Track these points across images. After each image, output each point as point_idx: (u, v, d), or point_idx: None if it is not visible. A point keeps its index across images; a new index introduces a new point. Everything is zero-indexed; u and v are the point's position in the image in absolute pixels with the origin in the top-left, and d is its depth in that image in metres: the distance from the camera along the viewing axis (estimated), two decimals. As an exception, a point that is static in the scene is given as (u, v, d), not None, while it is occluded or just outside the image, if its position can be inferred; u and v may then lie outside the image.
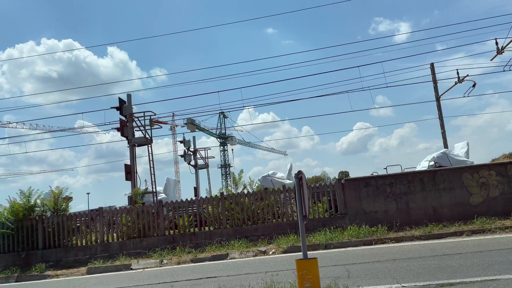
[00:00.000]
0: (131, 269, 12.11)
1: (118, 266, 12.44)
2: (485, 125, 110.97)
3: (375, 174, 16.16)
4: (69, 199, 16.84)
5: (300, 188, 5.05)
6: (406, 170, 15.98)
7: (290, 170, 19.63)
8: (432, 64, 28.50)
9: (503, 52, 19.21)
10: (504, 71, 19.96)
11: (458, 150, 17.60)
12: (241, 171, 16.62)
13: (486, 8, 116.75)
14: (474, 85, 23.61)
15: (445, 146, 28.22)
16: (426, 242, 11.06)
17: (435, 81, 28.52)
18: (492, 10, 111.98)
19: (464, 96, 24.50)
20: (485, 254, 8.37)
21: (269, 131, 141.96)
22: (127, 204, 19.01)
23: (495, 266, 7.05)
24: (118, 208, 15.01)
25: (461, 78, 24.19)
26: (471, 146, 17.72)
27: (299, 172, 5.15)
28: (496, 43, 19.30)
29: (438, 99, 28.48)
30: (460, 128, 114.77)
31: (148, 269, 11.79)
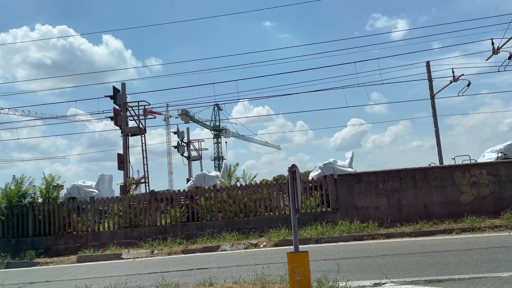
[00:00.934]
0: (122, 258, 12.10)
1: (108, 255, 12.42)
2: (478, 124, 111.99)
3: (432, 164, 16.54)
4: (60, 187, 16.74)
5: (293, 182, 5.05)
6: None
7: (351, 158, 19.44)
8: (428, 63, 28.57)
9: (499, 52, 19.30)
10: (499, 71, 20.08)
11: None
12: (237, 164, 16.68)
13: (482, 8, 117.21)
14: (468, 85, 23.73)
15: (438, 144, 28.43)
16: (416, 239, 11.16)
17: (430, 80, 28.63)
18: (488, 9, 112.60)
19: (458, 95, 24.68)
20: (474, 252, 8.46)
21: (263, 124, 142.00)
22: (120, 193, 18.94)
23: (483, 264, 7.13)
24: (109, 198, 14.94)
25: (456, 77, 24.28)
26: (464, 145, 18.02)
27: (293, 166, 5.16)
28: (492, 43, 19.37)
29: (432, 97, 28.61)
30: (453, 127, 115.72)
31: (139, 259, 11.78)
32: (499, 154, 15.98)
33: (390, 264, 7.81)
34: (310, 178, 15.35)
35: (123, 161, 20.00)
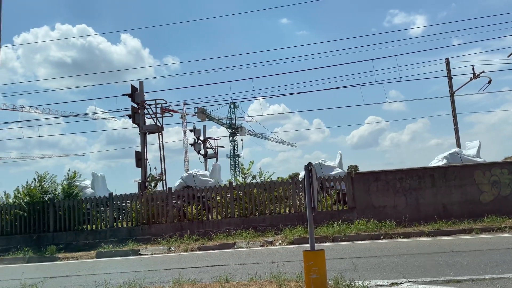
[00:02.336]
0: (140, 254, 12.28)
1: (126, 251, 12.63)
2: (499, 122, 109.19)
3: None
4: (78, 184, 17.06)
5: (309, 180, 5.05)
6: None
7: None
8: (447, 59, 28.02)
9: (521, 48, 18.77)
10: (521, 68, 19.51)
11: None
12: (251, 162, 16.73)
13: (505, 2, 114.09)
14: (489, 82, 23.21)
15: (458, 142, 27.86)
16: (434, 238, 11.00)
17: (450, 77, 28.07)
18: (510, 4, 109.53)
19: (479, 93, 24.13)
20: (494, 252, 8.30)
21: (279, 122, 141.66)
22: (138, 190, 19.21)
23: (503, 265, 6.99)
24: (128, 194, 15.17)
25: (476, 74, 23.77)
26: (484, 144, 17.60)
27: (309, 164, 5.15)
28: (515, 39, 18.86)
29: (452, 95, 28.05)
30: (473, 125, 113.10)
31: (156, 255, 11.94)
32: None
33: (407, 263, 7.73)
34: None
35: (140, 159, 20.26)
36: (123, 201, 14.95)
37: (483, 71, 23.54)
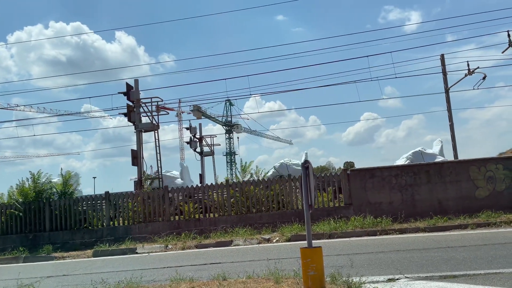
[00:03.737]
0: (136, 253, 12.27)
1: (123, 249, 12.61)
2: (493, 118, 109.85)
3: None
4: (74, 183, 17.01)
5: (306, 177, 5.06)
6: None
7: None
8: (442, 56, 28.11)
9: (515, 44, 18.90)
10: (515, 64, 19.64)
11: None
12: (251, 162, 16.82)
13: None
14: (484, 78, 23.32)
15: (453, 138, 28.00)
16: (430, 234, 11.07)
17: (444, 73, 28.17)
18: (504, 1, 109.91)
19: (473, 89, 24.27)
20: (490, 247, 8.37)
21: (275, 119, 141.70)
22: (134, 189, 19.17)
23: (499, 260, 7.05)
24: (124, 193, 15.14)
25: (471, 70, 23.87)
26: (479, 139, 18.21)
27: (306, 162, 5.16)
28: (508, 35, 19.01)
29: (447, 91, 28.17)
30: (468, 121, 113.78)
31: (153, 253, 11.93)
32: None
33: (404, 259, 7.77)
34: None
35: (136, 157, 20.19)
36: (120, 200, 14.92)
37: (478, 67, 23.66)
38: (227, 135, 72.06)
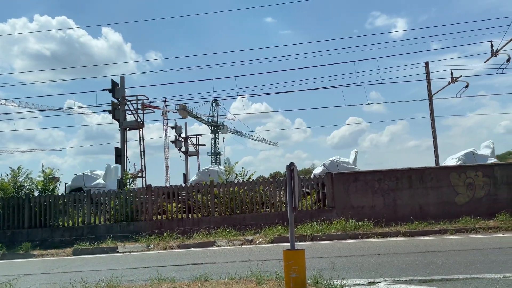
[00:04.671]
0: (117, 252, 12.12)
1: (104, 248, 12.45)
2: (475, 126, 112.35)
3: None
4: (56, 179, 16.76)
5: (291, 180, 5.08)
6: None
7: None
8: (426, 63, 28.58)
9: (498, 54, 19.34)
10: (497, 73, 20.08)
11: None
12: (236, 163, 16.83)
13: (483, 9, 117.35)
14: (466, 86, 23.78)
15: (435, 145, 28.46)
16: (411, 238, 11.23)
17: (428, 80, 28.64)
18: (488, 11, 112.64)
19: (456, 97, 24.73)
20: (468, 253, 8.53)
21: (261, 121, 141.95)
22: (116, 187, 18.95)
23: (476, 265, 7.20)
24: (106, 191, 14.95)
25: (454, 78, 24.32)
26: (460, 147, 18.82)
27: (291, 164, 5.18)
28: (491, 45, 19.40)
29: (430, 98, 28.65)
30: (450, 128, 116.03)
31: (135, 253, 11.81)
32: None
33: (384, 263, 7.87)
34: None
35: (120, 155, 19.98)
36: (101, 198, 14.72)
37: (461, 76, 24.12)
38: (213, 135, 71.91)
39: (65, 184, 21.40)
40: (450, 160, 18.56)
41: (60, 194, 15.47)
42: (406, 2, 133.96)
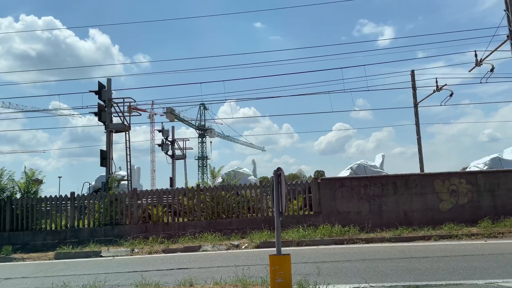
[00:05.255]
0: (101, 256, 11.94)
1: (87, 252, 12.25)
2: (458, 134, 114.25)
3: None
4: (39, 182, 16.47)
5: (278, 185, 5.09)
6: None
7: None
8: (412, 71, 29.02)
9: (482, 64, 19.68)
10: (481, 83, 20.46)
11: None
12: (222, 167, 16.77)
13: (468, 19, 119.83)
14: (451, 95, 24.20)
15: (420, 151, 28.84)
16: (395, 244, 11.32)
17: (414, 88, 29.07)
18: (474, 21, 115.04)
19: (441, 105, 25.11)
20: (451, 259, 8.64)
21: (249, 125, 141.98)
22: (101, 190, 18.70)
23: (459, 271, 7.29)
24: (90, 194, 14.75)
25: (439, 86, 24.75)
26: (444, 154, 18.87)
27: (278, 169, 5.19)
28: (476, 55, 19.73)
29: (416, 105, 29.07)
30: (434, 135, 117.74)
31: (119, 257, 11.65)
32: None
33: (369, 268, 7.91)
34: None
35: (105, 158, 19.74)
36: (85, 201, 14.51)
37: (446, 84, 24.54)
38: (200, 139, 71.55)
39: (89, 184, 20.97)
40: (475, 165, 18.15)
41: (43, 196, 15.17)
42: (393, 10, 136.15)
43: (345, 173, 17.86)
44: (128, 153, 20.85)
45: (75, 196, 14.48)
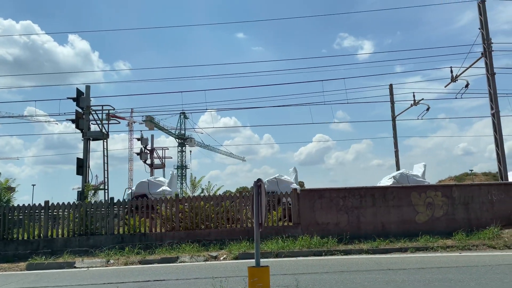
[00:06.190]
0: (75, 267, 11.62)
1: (60, 263, 11.90)
2: (434, 147, 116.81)
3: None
4: (12, 190, 15.99)
5: (258, 196, 5.07)
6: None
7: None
8: (391, 85, 29.71)
9: (457, 80, 20.34)
10: (456, 98, 21.10)
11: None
12: (202, 177, 16.70)
13: (445, 36, 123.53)
14: (428, 109, 24.88)
15: (397, 164, 29.35)
16: (373, 256, 11.42)
17: (392, 102, 29.71)
18: (450, 38, 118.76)
19: (418, 118, 25.73)
20: (427, 271, 8.77)
21: (230, 135, 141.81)
22: (76, 199, 18.28)
23: (435, 283, 7.40)
24: (65, 203, 14.36)
25: (416, 101, 25.38)
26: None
27: (259, 180, 5.18)
28: (451, 71, 20.41)
29: (394, 119, 29.68)
30: (412, 148, 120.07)
31: (93, 268, 11.35)
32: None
33: (347, 280, 7.95)
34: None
35: (82, 166, 19.37)
36: (60, 210, 14.12)
37: (423, 99, 25.21)
38: (180, 148, 70.93)
39: (131, 189, 20.33)
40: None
41: (16, 205, 14.69)
42: (373, 25, 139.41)
43: (387, 182, 17.65)
44: (105, 161, 20.51)
45: (49, 204, 14.08)
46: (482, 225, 13.51)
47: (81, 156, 19.72)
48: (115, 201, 14.32)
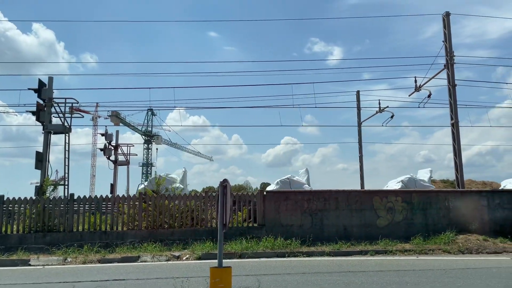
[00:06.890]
0: (30, 265, 11.15)
1: (14, 260, 11.38)
2: (397, 153, 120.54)
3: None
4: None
5: (223, 196, 5.05)
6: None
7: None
8: (358, 92, 30.40)
9: (420, 90, 21.06)
10: (419, 107, 21.86)
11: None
12: (167, 175, 16.43)
13: (411, 46, 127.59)
14: (392, 116, 25.61)
15: (361, 169, 30.06)
16: (334, 258, 11.64)
17: (359, 108, 30.40)
18: (416, 48, 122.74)
19: (382, 125, 26.46)
20: (385, 273, 9.02)
21: (198, 134, 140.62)
22: (34, 194, 17.56)
23: (392, 286, 7.63)
24: (22, 198, 13.76)
25: (381, 108, 26.10)
26: (383, 172, 19.74)
27: (224, 181, 5.16)
28: (415, 81, 21.09)
29: (359, 124, 30.39)
30: (376, 154, 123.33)
31: (49, 266, 10.93)
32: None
33: (308, 282, 8.05)
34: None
35: (41, 160, 18.64)
36: (16, 205, 13.51)
37: (387, 106, 25.94)
38: (146, 145, 69.79)
39: (144, 185, 19.43)
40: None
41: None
42: (343, 31, 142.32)
43: (395, 185, 17.91)
44: (67, 156, 19.85)
45: (4, 199, 13.45)
46: (438, 230, 14.05)
47: (41, 149, 18.98)
48: (75, 197, 13.86)
